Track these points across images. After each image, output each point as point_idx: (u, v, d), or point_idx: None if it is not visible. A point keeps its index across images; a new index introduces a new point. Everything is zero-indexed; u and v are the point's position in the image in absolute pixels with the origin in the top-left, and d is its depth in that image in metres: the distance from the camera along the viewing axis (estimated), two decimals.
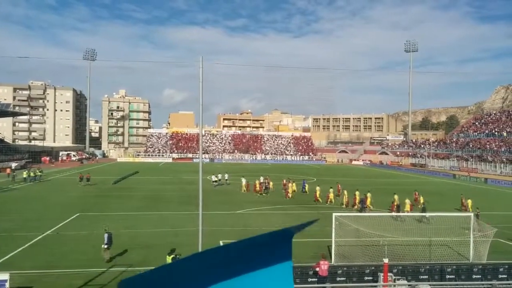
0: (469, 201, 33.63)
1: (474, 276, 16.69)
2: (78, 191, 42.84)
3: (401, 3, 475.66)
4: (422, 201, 34.29)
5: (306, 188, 42.47)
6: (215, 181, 49.02)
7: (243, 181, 45.25)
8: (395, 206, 30.65)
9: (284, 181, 44.83)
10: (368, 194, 34.10)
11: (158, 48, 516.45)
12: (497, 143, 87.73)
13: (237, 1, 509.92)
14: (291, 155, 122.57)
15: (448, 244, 21.69)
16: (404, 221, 27.97)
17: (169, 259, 15.77)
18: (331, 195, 37.28)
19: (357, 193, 34.93)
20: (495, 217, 28.78)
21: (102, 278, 16.37)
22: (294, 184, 42.22)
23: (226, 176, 51.97)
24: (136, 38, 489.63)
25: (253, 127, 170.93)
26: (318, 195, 37.62)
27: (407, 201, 31.57)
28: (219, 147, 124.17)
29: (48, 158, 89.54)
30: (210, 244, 20.77)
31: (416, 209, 32.28)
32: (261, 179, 45.77)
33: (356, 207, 33.39)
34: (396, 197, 32.40)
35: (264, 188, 42.97)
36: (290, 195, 39.96)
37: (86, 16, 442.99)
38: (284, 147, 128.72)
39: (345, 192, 36.52)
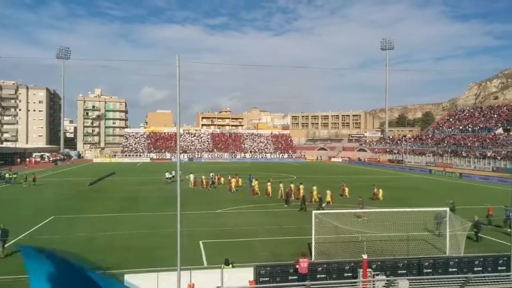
0: (380, 191, 38.00)
1: (450, 270, 16.97)
2: (52, 193, 41.83)
3: (378, 1, 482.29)
4: (347, 193, 38.96)
5: (253, 183, 43.39)
6: (168, 177, 52.35)
7: (191, 177, 48.44)
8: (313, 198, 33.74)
9: (229, 176, 47.18)
10: (301, 187, 37.30)
11: (137, 46, 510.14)
12: (470, 138, 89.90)
13: None
14: (271, 153, 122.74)
15: (425, 238, 22.04)
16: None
17: (226, 267, 15.67)
18: (269, 189, 40.43)
19: (292, 185, 38.32)
20: (470, 211, 29.33)
21: None
22: (240, 179, 46.48)
23: (180, 173, 53.46)
24: (114, 37, 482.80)
25: (232, 125, 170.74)
26: (256, 189, 40.88)
27: (328, 191, 34.65)
28: (198, 146, 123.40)
29: (32, 159, 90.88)
30: (190, 246, 20.55)
31: (343, 200, 36.13)
32: (211, 175, 49.52)
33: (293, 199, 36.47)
34: (314, 188, 35.99)
35: (211, 183, 46.92)
36: (233, 189, 43.23)
37: (62, 14, 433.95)
38: (263, 145, 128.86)
39: (281, 185, 39.39)
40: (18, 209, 32.71)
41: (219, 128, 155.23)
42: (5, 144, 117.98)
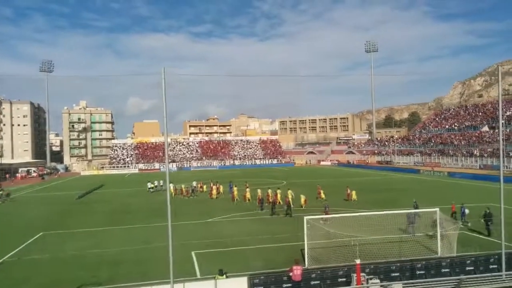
0: (353, 192, 39.37)
1: (443, 270, 17.01)
2: (40, 209, 41.17)
3: (362, 4, 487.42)
4: (323, 195, 39.33)
5: (234, 190, 44.03)
6: (151, 187, 53.68)
7: (171, 186, 49.10)
8: (287, 200, 33.68)
9: (212, 184, 48.42)
10: (278, 191, 38.24)
11: (121, 56, 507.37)
12: (457, 137, 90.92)
13: (201, 7, 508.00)
14: (260, 159, 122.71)
15: (416, 240, 22.10)
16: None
17: (220, 278, 15.46)
18: (248, 195, 41.30)
19: (269, 191, 39.22)
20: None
21: None
22: (221, 186, 48.11)
23: (162, 182, 56.09)
24: (98, 47, 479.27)
25: (220, 133, 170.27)
26: (235, 195, 41.90)
27: (302, 195, 36.27)
28: (187, 155, 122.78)
29: (24, 174, 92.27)
30: (182, 257, 20.29)
31: (317, 202, 36.61)
32: (194, 183, 50.89)
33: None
34: (289, 191, 36.67)
35: (191, 191, 47.68)
36: (214, 196, 44.57)
37: (45, 26, 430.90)
38: (252, 151, 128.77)
39: (259, 191, 39.27)
40: (5, 226, 32.10)
41: (207, 136, 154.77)
42: None
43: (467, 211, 26.56)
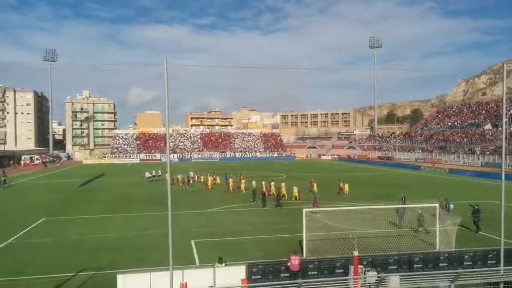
0: (346, 186, 39.73)
1: (440, 264, 17.15)
2: (43, 195, 41.54)
3: None
4: (315, 189, 39.06)
5: (229, 181, 44.71)
6: (149, 177, 54.29)
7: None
8: (279, 193, 34.61)
9: (208, 175, 49.08)
10: (272, 184, 39.00)
11: (124, 47, 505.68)
12: (459, 134, 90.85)
13: None
14: (261, 152, 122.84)
15: (415, 234, 22.25)
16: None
17: (219, 266, 15.54)
18: (243, 186, 42.34)
19: (263, 183, 39.06)
20: (460, 206, 29.66)
21: (71, 283, 15.87)
22: (217, 177, 49.42)
23: (160, 172, 57.48)
24: (101, 38, 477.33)
25: (221, 125, 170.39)
26: (230, 186, 42.95)
27: (295, 188, 36.60)
28: (188, 146, 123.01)
29: (27, 162, 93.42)
30: (181, 245, 20.50)
31: (310, 195, 36.08)
32: (191, 174, 51.36)
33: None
34: (283, 184, 37.70)
35: (187, 181, 48.36)
36: (209, 187, 45.73)
37: (48, 15, 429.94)
38: (253, 144, 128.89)
39: (253, 183, 40.16)
40: (9, 211, 32.53)
41: (208, 128, 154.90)
42: None
43: (451, 206, 26.83)
